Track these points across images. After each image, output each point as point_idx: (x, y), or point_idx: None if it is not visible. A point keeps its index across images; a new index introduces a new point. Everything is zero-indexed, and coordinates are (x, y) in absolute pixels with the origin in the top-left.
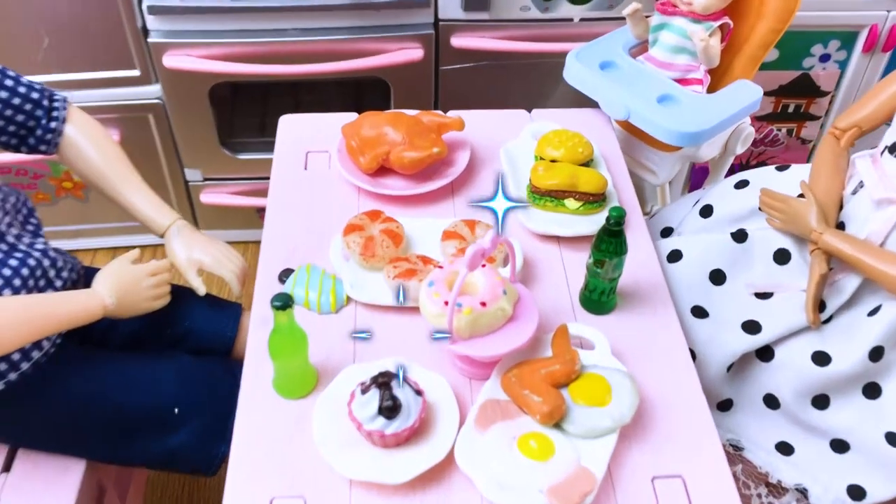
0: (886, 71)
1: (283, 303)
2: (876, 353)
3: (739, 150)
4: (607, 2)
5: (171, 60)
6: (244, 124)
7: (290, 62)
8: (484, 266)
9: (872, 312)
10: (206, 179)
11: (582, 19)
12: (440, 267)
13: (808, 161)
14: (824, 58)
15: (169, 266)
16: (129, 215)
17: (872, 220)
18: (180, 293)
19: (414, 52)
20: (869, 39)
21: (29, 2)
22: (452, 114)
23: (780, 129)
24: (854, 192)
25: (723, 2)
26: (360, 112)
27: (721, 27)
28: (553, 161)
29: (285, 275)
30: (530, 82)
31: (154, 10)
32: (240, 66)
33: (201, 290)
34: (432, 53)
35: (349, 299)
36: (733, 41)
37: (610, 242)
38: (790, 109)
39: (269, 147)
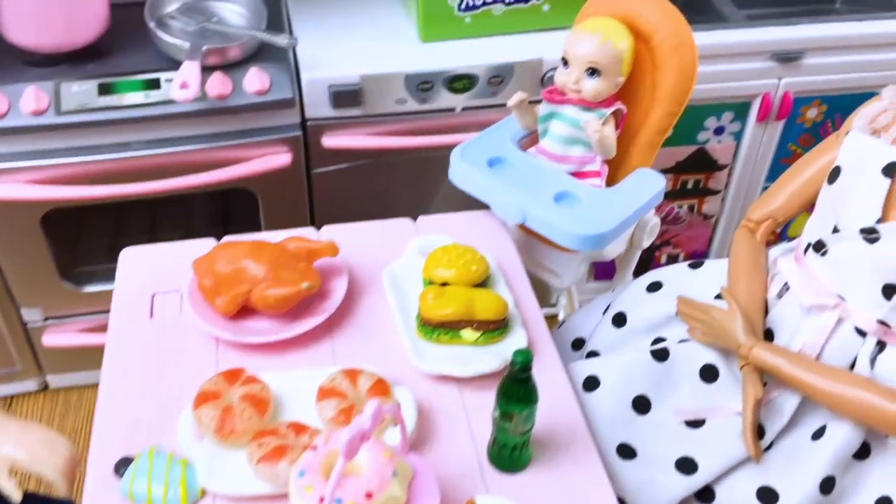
0: (782, 139)
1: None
2: (827, 485)
3: (646, 243)
4: (490, 89)
5: None
6: (91, 250)
7: (137, 179)
8: (367, 440)
9: (817, 435)
10: (47, 319)
11: (464, 108)
12: (314, 448)
13: (711, 238)
14: (719, 130)
15: None
16: None
17: (804, 329)
18: None
19: (281, 158)
20: (762, 109)
21: None
22: (327, 230)
23: (680, 207)
24: (779, 296)
25: (614, 87)
26: (227, 229)
27: (614, 114)
28: (444, 285)
29: (123, 465)
30: (414, 179)
31: None
32: (74, 189)
33: (16, 495)
34: (302, 157)
35: (204, 492)
36: (628, 127)
37: (518, 390)
38: (689, 185)
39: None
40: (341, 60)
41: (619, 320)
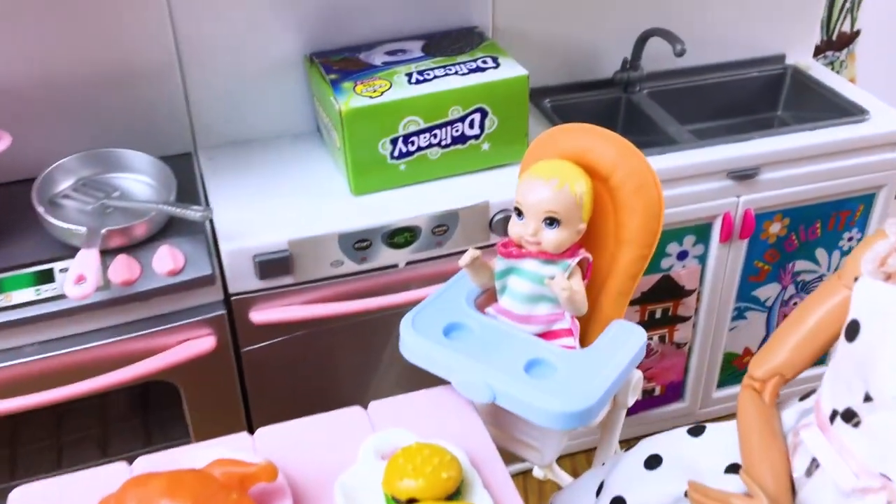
0: (748, 257)
1: None
2: None
3: (631, 401)
4: (434, 240)
5: None
6: None
7: (33, 389)
8: None
9: None
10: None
11: (408, 263)
12: None
13: (686, 367)
14: (682, 255)
15: None
16: None
17: None
18: None
19: (204, 342)
20: (724, 229)
21: None
22: (263, 434)
23: (651, 338)
24: (808, 473)
25: (576, 234)
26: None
27: (580, 264)
28: (410, 501)
29: None
30: (359, 346)
31: None
32: None
33: None
34: (228, 337)
35: None
36: (596, 275)
37: None
38: (658, 315)
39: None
40: (265, 226)
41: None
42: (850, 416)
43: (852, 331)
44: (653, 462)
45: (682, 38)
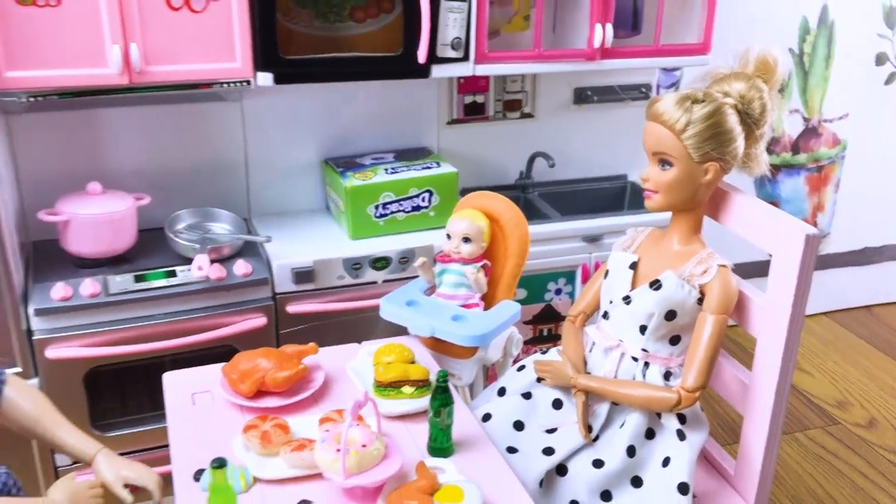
0: None
1: (220, 463)
2: (631, 451)
3: (515, 351)
4: (400, 266)
5: (53, 352)
6: (107, 408)
7: (157, 340)
8: (360, 423)
9: (621, 425)
10: (73, 463)
11: (384, 280)
12: (326, 430)
13: None
14: (558, 291)
15: (101, 483)
16: (60, 450)
17: (605, 363)
18: None
19: (258, 321)
20: (583, 273)
21: None
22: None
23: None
24: (591, 350)
25: (480, 249)
26: None
27: (483, 266)
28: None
29: (198, 474)
30: (352, 333)
31: (40, 311)
32: (116, 348)
33: (128, 499)
34: (273, 321)
35: (256, 480)
36: (494, 275)
37: (442, 395)
38: (544, 333)
39: (133, 424)
40: (299, 252)
41: (502, 392)
42: (606, 315)
43: (606, 274)
44: (520, 368)
45: (554, 159)
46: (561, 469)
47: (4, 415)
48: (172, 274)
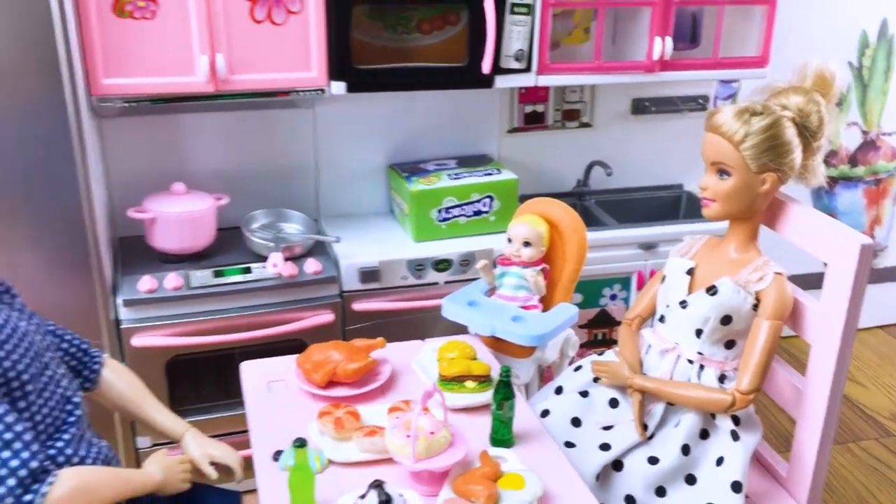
0: None
1: (301, 443)
2: (686, 449)
3: (571, 353)
4: (461, 269)
5: (138, 341)
6: (184, 395)
7: (234, 332)
8: (426, 412)
9: (676, 424)
10: (153, 445)
11: (445, 282)
12: (397, 418)
13: None
14: (613, 297)
15: (189, 459)
16: (152, 427)
17: (661, 364)
18: (195, 484)
19: (326, 317)
20: (639, 280)
21: None
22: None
23: (600, 353)
24: (647, 352)
25: (539, 253)
26: None
27: (542, 270)
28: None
29: (277, 454)
30: (413, 331)
31: (128, 302)
32: (195, 339)
33: (214, 474)
34: (340, 317)
35: (330, 462)
36: (552, 279)
37: (505, 389)
38: (599, 337)
39: (208, 410)
40: (366, 253)
41: (559, 390)
42: (662, 319)
43: (663, 279)
44: (577, 369)
45: (612, 167)
46: (617, 465)
47: (103, 394)
48: (248, 270)
